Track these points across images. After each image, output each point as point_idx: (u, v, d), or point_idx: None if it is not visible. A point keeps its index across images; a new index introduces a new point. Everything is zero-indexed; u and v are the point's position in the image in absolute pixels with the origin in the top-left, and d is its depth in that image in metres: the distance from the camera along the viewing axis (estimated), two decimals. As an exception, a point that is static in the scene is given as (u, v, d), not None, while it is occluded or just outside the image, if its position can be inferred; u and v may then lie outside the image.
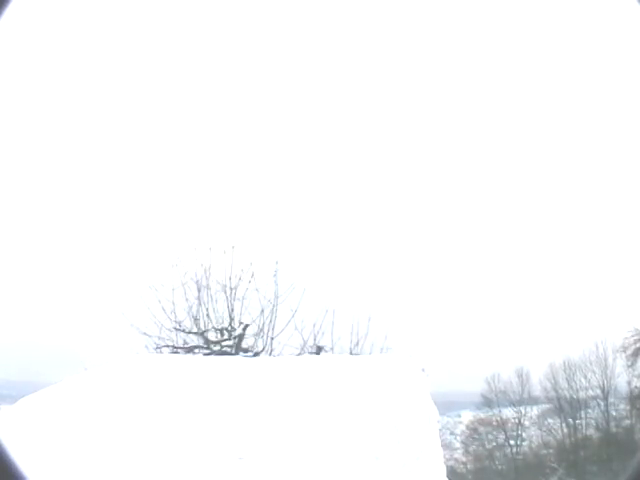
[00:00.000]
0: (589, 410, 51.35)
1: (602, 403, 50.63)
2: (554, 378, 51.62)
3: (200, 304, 11.65)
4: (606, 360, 50.67)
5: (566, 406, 50.92)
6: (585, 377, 51.29)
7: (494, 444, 52.36)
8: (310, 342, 11.83)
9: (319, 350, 11.63)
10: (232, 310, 11.61)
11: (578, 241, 67.65)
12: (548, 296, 60.20)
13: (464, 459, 52.61)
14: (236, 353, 11.07)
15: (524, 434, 52.89)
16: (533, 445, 52.51)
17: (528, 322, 59.59)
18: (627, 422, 49.83)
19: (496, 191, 68.35)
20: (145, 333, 11.68)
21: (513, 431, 52.65)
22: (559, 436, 51.29)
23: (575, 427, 50.74)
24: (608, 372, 50.63)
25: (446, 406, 47.38)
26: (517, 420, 52.82)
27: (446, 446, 43.91)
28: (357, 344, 12.37)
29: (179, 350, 11.57)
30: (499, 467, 51.58)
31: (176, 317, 11.68)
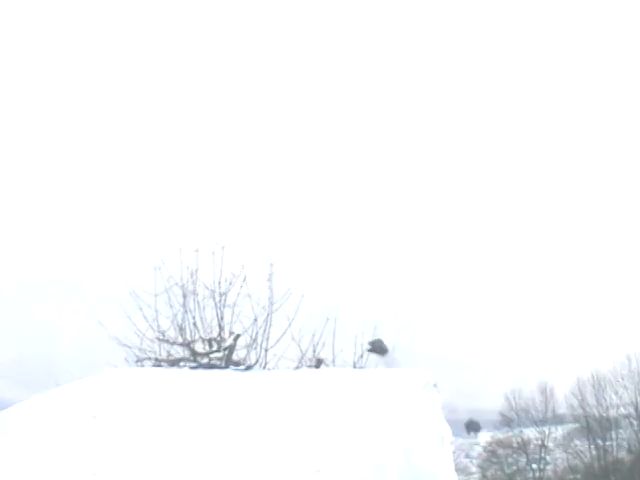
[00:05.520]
0: (620, 430, 51.36)
1: (635, 422, 50.63)
2: (581, 394, 51.64)
3: (186, 312, 11.63)
4: (639, 374, 50.71)
5: (595, 426, 50.91)
6: (616, 393, 51.35)
7: (514, 468, 52.39)
8: (309, 354, 11.83)
9: (319, 363, 11.63)
10: (222, 318, 11.58)
11: (610, 248, 67.69)
12: (575, 305, 60.27)
13: (481, 485, 52.64)
14: (226, 366, 11.06)
15: (548, 457, 52.92)
16: (558, 469, 52.51)
17: (553, 332, 59.66)
18: (662, 443, 49.85)
19: (517, 203, 68.54)
20: (125, 344, 11.69)
21: (535, 454, 52.68)
22: (587, 459, 51.28)
23: (605, 449, 50.73)
24: (641, 388, 50.68)
25: (461, 426, 47.34)
26: (540, 441, 52.84)
27: (461, 470, 43.90)
28: (361, 356, 12.38)
29: (162, 363, 11.56)
30: (520, 493, 51.63)
31: (159, 326, 11.65)
